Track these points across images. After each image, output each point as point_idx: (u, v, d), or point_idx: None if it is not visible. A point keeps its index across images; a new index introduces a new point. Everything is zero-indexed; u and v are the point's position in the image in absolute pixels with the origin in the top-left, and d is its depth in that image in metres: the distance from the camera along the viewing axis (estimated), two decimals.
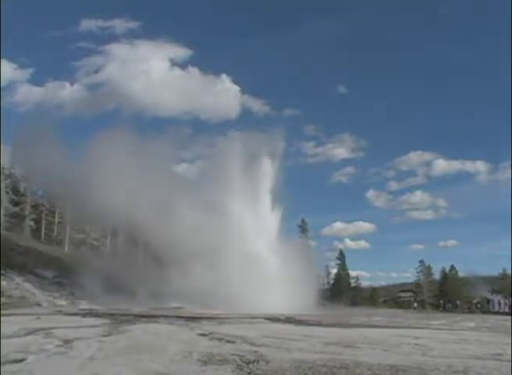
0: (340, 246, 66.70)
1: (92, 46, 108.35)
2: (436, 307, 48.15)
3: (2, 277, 17.94)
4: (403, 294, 54.63)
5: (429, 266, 52.23)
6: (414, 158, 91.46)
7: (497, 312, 40.40)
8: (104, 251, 36.49)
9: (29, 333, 7.27)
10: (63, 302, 18.36)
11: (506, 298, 45.89)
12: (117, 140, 23.62)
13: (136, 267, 21.19)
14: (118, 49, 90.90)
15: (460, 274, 51.66)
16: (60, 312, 13.33)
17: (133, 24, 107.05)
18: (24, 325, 8.31)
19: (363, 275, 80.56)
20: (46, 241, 35.35)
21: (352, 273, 54.46)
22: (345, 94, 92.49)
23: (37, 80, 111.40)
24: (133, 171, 22.67)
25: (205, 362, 5.14)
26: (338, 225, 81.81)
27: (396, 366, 5.15)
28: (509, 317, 24.83)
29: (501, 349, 6.98)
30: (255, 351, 5.93)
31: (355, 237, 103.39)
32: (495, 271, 51.13)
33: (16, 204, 35.09)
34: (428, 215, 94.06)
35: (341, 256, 53.54)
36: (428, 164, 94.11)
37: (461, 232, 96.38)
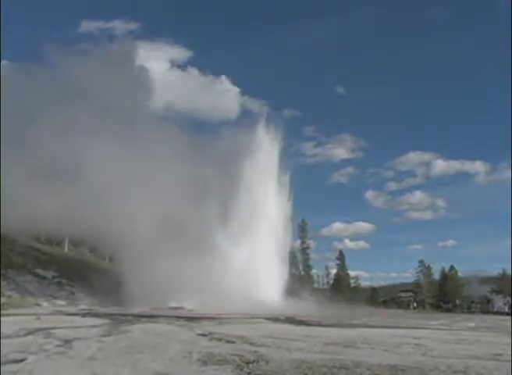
0: (340, 246, 66.94)
1: (92, 47, 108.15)
2: (436, 307, 48.15)
3: (2, 277, 17.92)
4: (402, 295, 54.60)
5: (429, 266, 52.23)
6: (413, 158, 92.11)
7: (497, 312, 40.46)
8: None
9: (29, 333, 7.26)
10: (63, 302, 18.33)
11: (505, 297, 45.95)
12: None
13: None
14: None
15: (460, 274, 51.63)
16: (60, 312, 13.30)
17: (133, 25, 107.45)
18: (24, 325, 8.31)
19: (363, 275, 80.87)
20: (46, 241, 35.32)
21: (351, 274, 54.52)
22: (344, 94, 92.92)
23: None
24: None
25: (205, 362, 5.14)
26: (337, 225, 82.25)
27: (395, 366, 5.15)
28: (509, 317, 24.90)
29: (501, 349, 7.00)
30: (255, 352, 5.94)
31: (354, 238, 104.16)
32: (495, 271, 51.18)
33: None
34: (428, 215, 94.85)
35: (341, 256, 53.49)
36: (427, 164, 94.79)
37: (460, 232, 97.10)
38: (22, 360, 5.05)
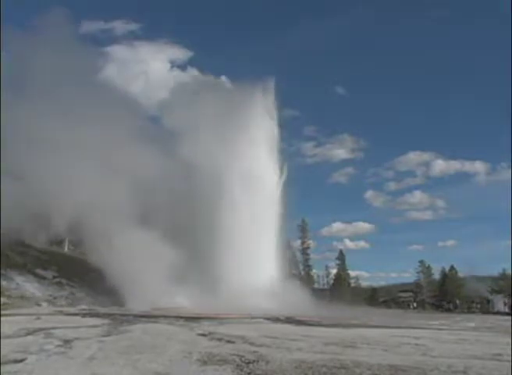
0: (340, 246, 66.94)
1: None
2: (436, 307, 48.11)
3: (2, 277, 17.91)
4: (402, 295, 54.51)
5: (429, 266, 52.18)
6: (413, 158, 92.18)
7: (497, 312, 40.43)
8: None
9: (29, 333, 7.27)
10: (63, 302, 18.34)
11: (505, 297, 45.91)
12: None
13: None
14: (118, 50, 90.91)
15: (460, 274, 51.56)
16: (60, 312, 13.32)
17: (133, 26, 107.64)
18: (24, 325, 8.31)
19: (363, 275, 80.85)
20: (46, 241, 35.24)
21: (352, 274, 54.51)
22: (344, 94, 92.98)
23: None
24: None
25: (205, 362, 5.14)
26: (337, 225, 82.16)
27: (395, 366, 5.15)
28: (509, 317, 24.86)
29: (501, 349, 6.99)
30: (255, 352, 5.93)
31: (354, 238, 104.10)
32: (495, 271, 51.11)
33: None
34: (427, 215, 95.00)
35: (341, 256, 53.44)
36: (427, 164, 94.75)
37: (460, 232, 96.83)
38: (22, 360, 5.05)
